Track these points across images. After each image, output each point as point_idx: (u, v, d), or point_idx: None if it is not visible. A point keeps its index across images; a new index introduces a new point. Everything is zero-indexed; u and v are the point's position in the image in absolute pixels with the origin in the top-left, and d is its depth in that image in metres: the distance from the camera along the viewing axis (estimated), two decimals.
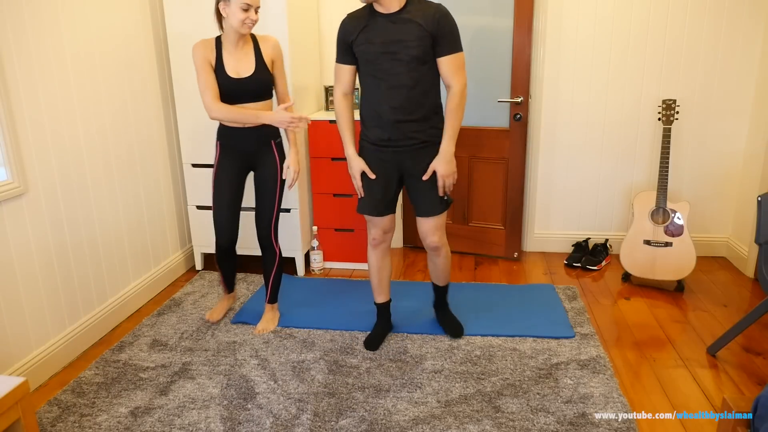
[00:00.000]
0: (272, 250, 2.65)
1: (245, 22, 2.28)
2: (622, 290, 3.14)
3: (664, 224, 3.05)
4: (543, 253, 3.71)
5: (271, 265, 2.67)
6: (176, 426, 2.05)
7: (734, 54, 3.24)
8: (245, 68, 2.41)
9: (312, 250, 3.43)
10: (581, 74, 3.40)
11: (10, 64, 2.16)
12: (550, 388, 2.22)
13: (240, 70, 2.40)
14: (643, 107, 3.39)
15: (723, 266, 3.44)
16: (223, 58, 2.40)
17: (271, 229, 2.61)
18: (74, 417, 2.11)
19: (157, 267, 3.21)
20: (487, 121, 3.46)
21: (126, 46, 2.86)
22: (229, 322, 2.80)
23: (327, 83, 3.61)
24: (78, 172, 2.56)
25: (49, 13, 2.35)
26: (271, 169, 2.55)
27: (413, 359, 2.45)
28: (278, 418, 2.08)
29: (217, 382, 2.31)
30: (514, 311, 2.85)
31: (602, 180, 3.56)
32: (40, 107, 2.32)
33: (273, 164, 2.55)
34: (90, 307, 2.67)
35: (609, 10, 3.28)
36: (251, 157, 2.55)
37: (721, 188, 3.46)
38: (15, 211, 2.22)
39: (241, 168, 2.57)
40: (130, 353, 2.54)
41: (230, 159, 2.54)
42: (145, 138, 3.05)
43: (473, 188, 3.60)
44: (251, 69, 2.41)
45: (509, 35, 3.27)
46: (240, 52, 2.41)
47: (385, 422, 2.05)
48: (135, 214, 2.99)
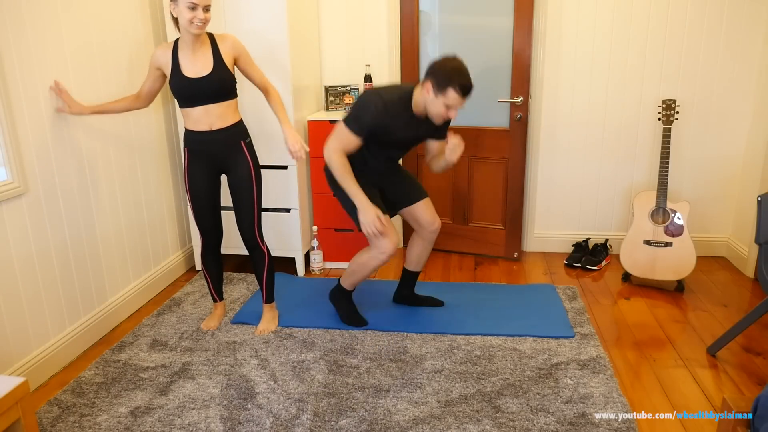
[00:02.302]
0: (260, 251, 2.63)
1: (193, 21, 2.23)
2: (622, 290, 3.14)
3: (664, 224, 3.05)
4: (543, 253, 3.71)
5: (261, 266, 2.66)
6: (176, 426, 2.05)
7: (734, 54, 3.24)
8: (202, 68, 2.36)
9: (312, 250, 3.43)
10: (581, 74, 3.40)
11: (10, 64, 2.16)
12: (550, 388, 2.22)
13: (197, 70, 2.36)
14: (643, 107, 3.39)
15: (723, 266, 3.44)
16: (179, 60, 2.36)
17: (255, 229, 2.59)
18: (74, 417, 2.11)
19: (157, 267, 3.21)
20: (487, 121, 3.46)
21: (126, 46, 2.86)
22: (229, 323, 2.80)
23: (327, 83, 3.61)
24: (78, 172, 2.56)
25: (49, 13, 2.35)
26: (244, 170, 2.51)
27: (413, 359, 2.45)
28: (278, 418, 2.08)
29: (217, 382, 2.31)
30: (514, 311, 2.85)
31: (602, 180, 3.56)
32: (40, 107, 2.32)
33: (245, 165, 2.51)
34: (90, 307, 2.67)
35: (609, 10, 3.28)
36: (222, 161, 2.51)
37: (721, 188, 3.46)
38: (15, 211, 2.22)
39: (212, 171, 2.53)
40: (130, 353, 2.54)
41: (200, 164, 2.50)
42: (145, 138, 3.05)
43: (473, 188, 3.60)
44: (209, 68, 2.36)
45: (509, 35, 3.27)
46: (197, 53, 2.36)
47: (385, 422, 2.05)
48: (135, 214, 2.99)
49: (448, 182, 3.64)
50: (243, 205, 2.54)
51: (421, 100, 2.35)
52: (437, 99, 2.27)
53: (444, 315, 2.81)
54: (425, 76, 2.31)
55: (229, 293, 3.11)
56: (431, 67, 2.29)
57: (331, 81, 3.62)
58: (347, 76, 3.59)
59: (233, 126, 2.46)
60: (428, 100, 2.30)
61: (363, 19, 3.50)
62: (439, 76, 2.24)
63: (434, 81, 2.25)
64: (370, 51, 3.53)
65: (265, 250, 2.64)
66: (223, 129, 2.44)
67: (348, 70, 3.59)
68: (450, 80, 2.22)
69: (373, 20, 3.48)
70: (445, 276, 3.37)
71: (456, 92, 2.24)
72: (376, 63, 3.54)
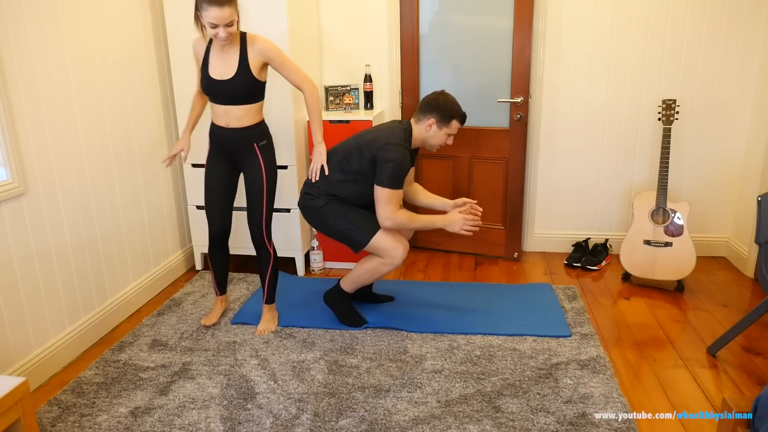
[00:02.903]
0: (266, 251, 2.64)
1: (216, 37, 2.27)
2: (622, 290, 3.14)
3: (664, 224, 3.05)
4: (543, 253, 3.71)
5: (266, 266, 2.67)
6: (176, 426, 2.05)
7: (734, 54, 3.24)
8: (227, 70, 2.38)
9: (312, 250, 3.43)
10: (581, 74, 3.40)
11: (10, 65, 2.16)
12: (550, 388, 2.22)
13: (222, 72, 2.38)
14: (643, 107, 3.39)
15: (723, 266, 3.44)
16: (209, 57, 2.41)
17: (263, 229, 2.60)
18: (74, 417, 2.11)
19: (157, 267, 3.21)
20: (487, 121, 3.46)
21: (126, 47, 2.86)
22: (229, 323, 2.80)
23: (327, 83, 3.61)
24: (78, 172, 2.56)
25: (50, 14, 2.35)
26: (255, 171, 2.54)
27: (413, 359, 2.45)
28: (278, 418, 2.08)
29: (217, 382, 2.31)
30: (511, 310, 2.85)
31: (602, 180, 3.56)
32: (40, 107, 2.32)
33: (257, 166, 2.53)
34: (90, 307, 2.67)
35: (609, 10, 3.28)
36: (236, 158, 2.56)
37: (721, 188, 3.46)
38: (15, 211, 2.22)
39: (229, 165, 2.59)
40: (130, 353, 2.54)
41: (218, 156, 2.59)
42: (145, 138, 3.05)
43: (473, 188, 3.60)
44: (232, 72, 2.37)
45: (509, 35, 3.27)
46: (226, 53, 2.38)
47: (385, 422, 2.05)
48: (135, 214, 2.99)
49: (448, 182, 3.64)
50: (252, 204, 2.57)
51: (420, 136, 2.57)
52: (441, 131, 2.54)
53: (444, 315, 2.81)
54: (425, 114, 2.54)
55: (229, 293, 3.11)
56: (430, 105, 2.53)
57: (331, 81, 3.62)
58: (347, 76, 3.60)
59: (249, 127, 2.48)
60: (431, 134, 2.55)
61: (363, 19, 3.50)
62: (443, 111, 2.51)
63: (438, 117, 2.52)
64: (370, 51, 3.54)
65: (271, 251, 2.65)
66: (238, 129, 2.47)
67: (348, 70, 3.59)
68: (453, 113, 2.53)
69: (373, 20, 3.48)
70: (445, 276, 3.38)
71: (458, 122, 2.56)
72: (376, 63, 3.54)
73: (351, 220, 2.53)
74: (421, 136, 2.57)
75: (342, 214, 2.54)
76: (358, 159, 2.50)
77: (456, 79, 3.49)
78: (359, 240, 2.53)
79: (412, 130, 2.57)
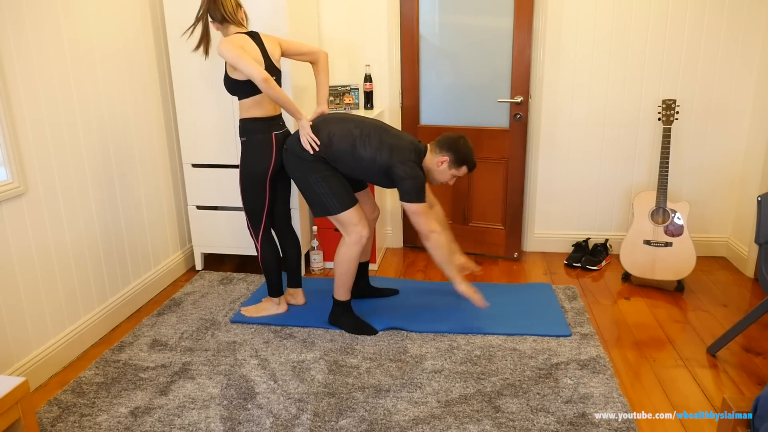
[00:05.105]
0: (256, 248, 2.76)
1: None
2: (622, 290, 3.15)
3: (664, 224, 3.05)
4: (543, 253, 3.71)
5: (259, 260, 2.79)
6: (176, 426, 2.05)
7: (734, 54, 3.24)
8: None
9: (312, 250, 3.43)
10: (581, 74, 3.40)
11: (10, 64, 2.16)
12: (550, 388, 2.23)
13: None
14: (643, 107, 3.39)
15: (723, 266, 3.44)
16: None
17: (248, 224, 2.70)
18: (74, 417, 2.11)
19: (157, 267, 3.21)
20: (487, 121, 3.46)
21: (126, 46, 2.86)
22: (229, 322, 2.80)
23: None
24: (78, 172, 2.56)
25: (49, 13, 2.35)
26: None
27: (413, 359, 2.45)
28: (278, 418, 2.08)
29: (217, 382, 2.31)
30: (511, 310, 2.85)
31: (602, 180, 3.57)
32: (40, 107, 2.32)
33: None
34: (90, 307, 2.67)
35: (609, 10, 3.28)
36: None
37: (721, 188, 3.46)
38: (15, 211, 2.22)
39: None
40: (130, 353, 2.54)
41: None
42: (145, 138, 3.05)
43: (473, 188, 3.60)
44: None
45: (509, 35, 3.27)
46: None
47: (385, 422, 2.05)
48: (135, 214, 2.99)
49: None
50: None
51: (429, 166, 2.59)
52: (449, 171, 2.58)
53: (444, 315, 2.81)
54: (442, 150, 2.55)
55: (229, 293, 3.12)
56: (450, 145, 2.55)
57: (331, 81, 3.62)
58: (347, 76, 3.60)
59: (240, 121, 2.60)
60: (440, 169, 2.57)
61: (363, 19, 3.50)
62: (459, 154, 2.55)
63: (453, 157, 2.55)
64: (370, 51, 3.54)
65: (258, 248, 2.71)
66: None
67: (348, 70, 3.59)
68: (466, 160, 2.57)
69: (373, 20, 3.48)
70: (445, 276, 3.37)
71: (467, 169, 2.60)
72: (376, 63, 3.54)
73: (331, 187, 2.51)
74: (430, 166, 2.58)
75: (325, 177, 2.51)
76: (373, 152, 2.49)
77: (456, 78, 3.49)
78: (330, 208, 2.53)
79: (427, 156, 2.58)
